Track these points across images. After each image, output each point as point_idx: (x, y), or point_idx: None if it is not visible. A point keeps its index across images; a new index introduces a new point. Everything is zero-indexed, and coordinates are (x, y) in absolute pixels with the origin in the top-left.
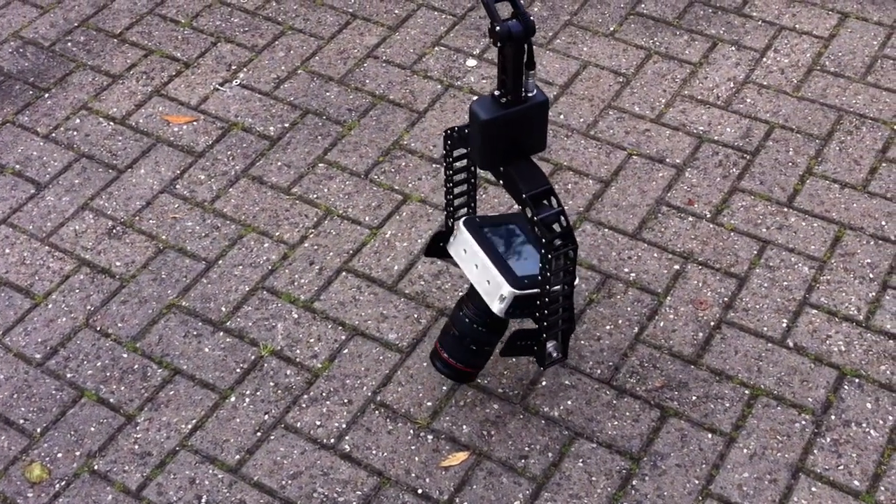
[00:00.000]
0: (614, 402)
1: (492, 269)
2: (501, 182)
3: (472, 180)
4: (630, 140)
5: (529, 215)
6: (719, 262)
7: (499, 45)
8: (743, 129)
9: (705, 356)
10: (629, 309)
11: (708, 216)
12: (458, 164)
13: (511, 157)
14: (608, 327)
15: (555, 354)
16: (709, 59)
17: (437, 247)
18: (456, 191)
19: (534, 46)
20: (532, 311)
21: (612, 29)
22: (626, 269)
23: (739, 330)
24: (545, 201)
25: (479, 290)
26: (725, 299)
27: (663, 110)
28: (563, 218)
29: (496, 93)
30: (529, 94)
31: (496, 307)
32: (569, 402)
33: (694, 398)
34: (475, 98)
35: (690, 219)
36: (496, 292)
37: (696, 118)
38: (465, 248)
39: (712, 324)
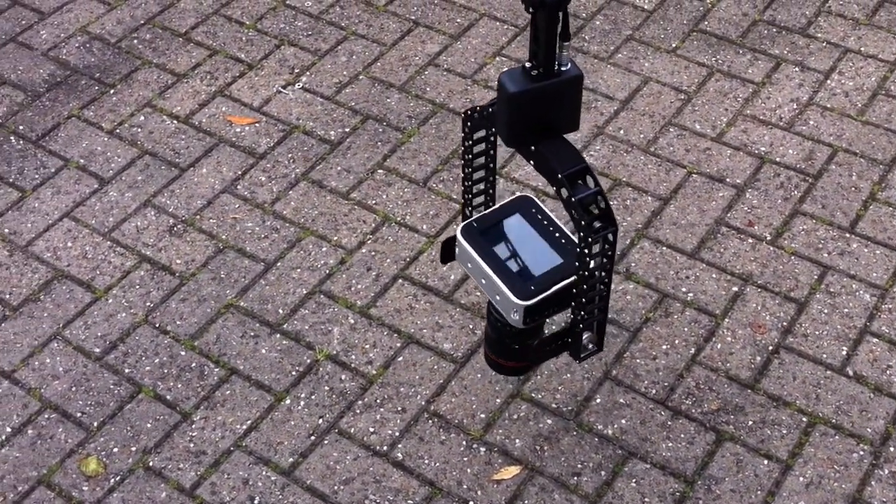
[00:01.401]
0: (669, 422)
1: (498, 284)
2: (532, 163)
3: (492, 165)
4: (690, 158)
5: (566, 196)
6: (779, 286)
7: (531, 10)
8: (805, 151)
9: (763, 381)
10: (686, 329)
11: (768, 238)
12: (477, 149)
13: (541, 135)
14: (664, 347)
15: (590, 346)
16: (772, 80)
17: (451, 251)
18: (475, 176)
19: (594, 59)
20: (558, 307)
21: (674, 45)
22: (683, 289)
23: (798, 356)
24: (581, 181)
25: (494, 303)
26: (784, 324)
27: (725, 129)
28: (601, 198)
29: (527, 64)
30: (563, 68)
31: (513, 320)
32: (623, 421)
33: (750, 423)
34: (505, 70)
35: (750, 240)
36: (509, 307)
37: (757, 138)
38: (469, 263)
39: (770, 348)
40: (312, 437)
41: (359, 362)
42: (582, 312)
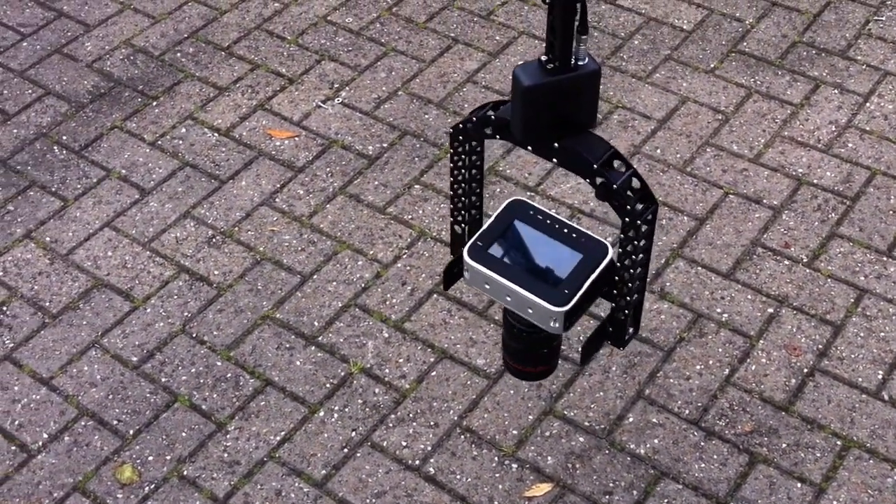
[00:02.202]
0: (702, 443)
1: (529, 297)
2: (556, 160)
3: (480, 177)
4: (727, 179)
5: (604, 185)
6: (815, 309)
7: (547, 1)
8: (843, 173)
9: (797, 403)
10: (720, 350)
11: (804, 260)
12: (466, 163)
13: (557, 132)
14: (698, 367)
15: (630, 330)
16: (810, 101)
17: (454, 276)
18: (463, 191)
19: (632, 78)
20: (589, 302)
21: (712, 66)
22: (718, 310)
23: (833, 379)
24: (613, 166)
25: (525, 317)
26: (820, 346)
27: (762, 150)
28: (636, 179)
29: (543, 58)
30: (580, 63)
31: (554, 328)
32: (656, 441)
33: (784, 445)
34: (520, 63)
35: (786, 262)
36: (546, 318)
37: (795, 160)
38: (487, 283)
39: (805, 371)
40: (345, 450)
41: (392, 376)
42: (627, 298)
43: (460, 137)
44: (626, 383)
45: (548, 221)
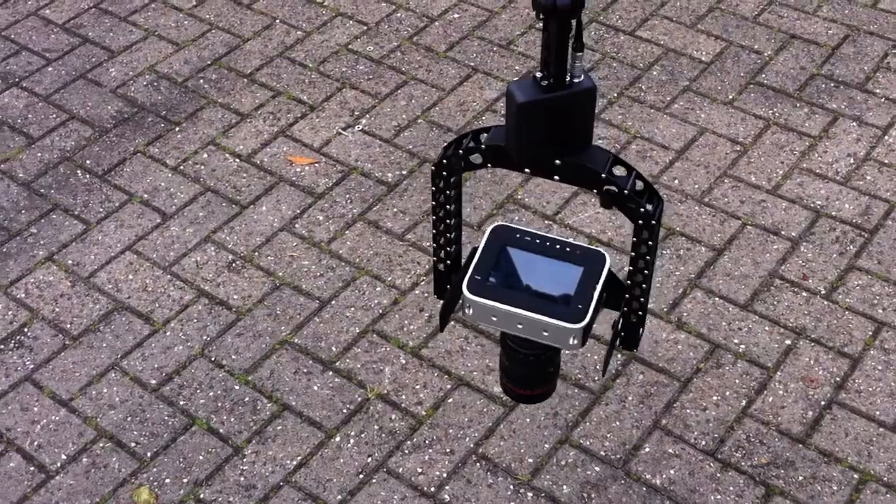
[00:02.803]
0: (718, 475)
1: (543, 320)
2: (557, 178)
3: (460, 210)
4: (745, 210)
5: (614, 193)
6: (832, 341)
7: (541, 17)
8: (862, 206)
9: (814, 436)
10: (737, 381)
11: (822, 292)
12: (455, 194)
13: (555, 149)
14: (715, 398)
15: (640, 330)
16: (829, 133)
17: (447, 318)
18: (445, 226)
19: (651, 108)
20: (598, 312)
21: (731, 97)
22: (735, 340)
23: (850, 412)
24: (617, 172)
25: (541, 341)
26: (837, 379)
27: (780, 182)
28: (639, 180)
29: (538, 75)
30: (575, 80)
31: (572, 346)
32: (672, 472)
33: (801, 478)
34: (515, 79)
35: (804, 294)
36: (564, 337)
37: (813, 192)
38: (494, 316)
39: (823, 403)
40: (361, 476)
41: (409, 402)
42: (641, 299)
43: (444, 173)
44: (642, 413)
45: (538, 241)
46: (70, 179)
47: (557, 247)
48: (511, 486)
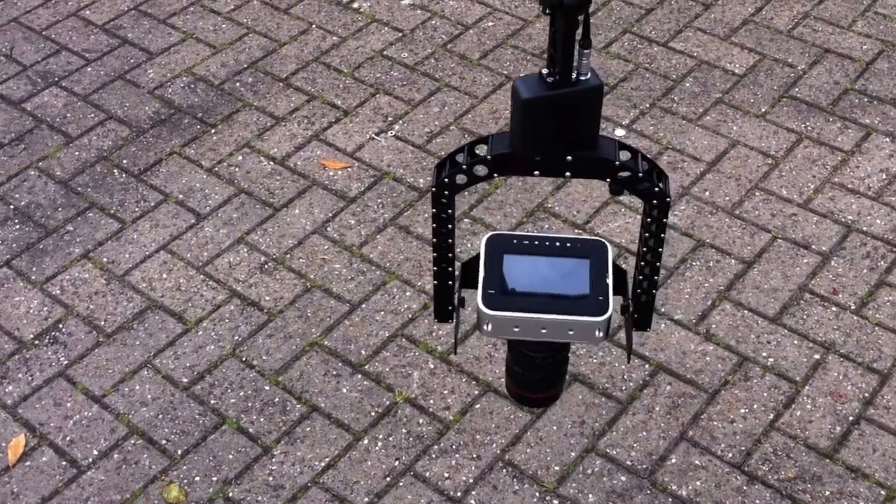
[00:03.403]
0: (744, 487)
1: (567, 319)
2: (568, 174)
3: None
4: (776, 223)
5: (628, 178)
6: (862, 356)
7: (547, 12)
8: (893, 221)
9: (842, 451)
10: (765, 394)
11: (852, 308)
12: (453, 212)
13: (562, 148)
14: (742, 411)
15: (652, 308)
16: (861, 149)
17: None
18: (448, 244)
19: (683, 120)
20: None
21: (763, 110)
22: (764, 354)
23: (879, 428)
24: (623, 157)
25: (564, 342)
26: (866, 395)
27: (811, 196)
28: (644, 161)
29: (544, 71)
30: (582, 77)
31: (598, 340)
32: (698, 483)
33: (827, 493)
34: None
35: (834, 308)
36: (590, 330)
37: (844, 207)
38: (517, 326)
39: (851, 418)
40: (388, 479)
41: (437, 407)
42: (655, 278)
43: (446, 192)
44: (669, 424)
45: (535, 242)
46: (107, 178)
47: (557, 244)
48: (537, 494)
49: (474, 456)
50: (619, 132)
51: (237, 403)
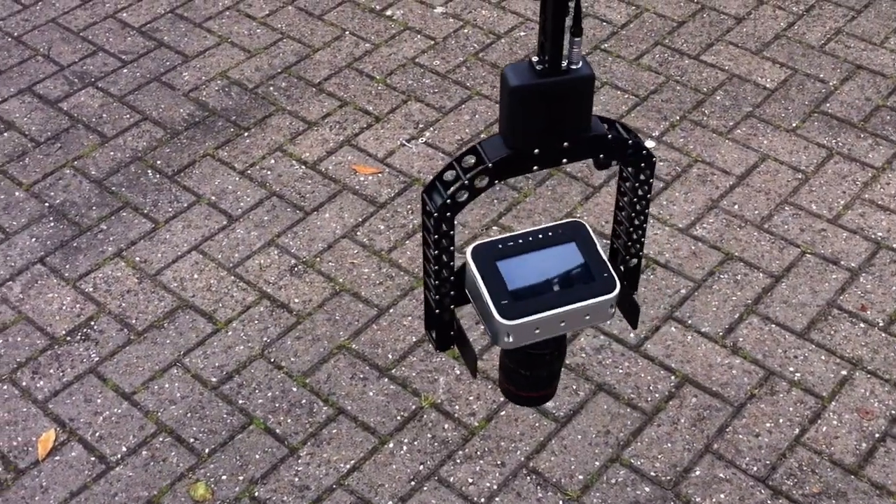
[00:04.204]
0: (769, 502)
1: (583, 306)
2: (565, 160)
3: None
4: (805, 238)
5: (618, 144)
6: (889, 373)
7: None
8: None
9: (867, 468)
10: (791, 409)
11: (881, 324)
12: (453, 235)
13: (554, 137)
14: (768, 425)
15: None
16: (892, 165)
17: (471, 354)
18: (449, 269)
19: (713, 133)
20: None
21: (794, 125)
22: (791, 368)
23: None
24: (609, 130)
25: (585, 326)
26: (893, 412)
27: (841, 211)
28: (622, 127)
29: (534, 59)
30: (573, 66)
31: (611, 315)
32: (722, 496)
33: None
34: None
35: (862, 325)
36: (605, 311)
37: (875, 223)
38: (538, 328)
39: (877, 435)
40: (412, 483)
41: (462, 413)
42: (643, 239)
43: (448, 214)
44: (694, 436)
45: (519, 241)
46: (141, 179)
47: (539, 236)
48: (560, 502)
49: (499, 462)
50: (649, 143)
51: (265, 404)
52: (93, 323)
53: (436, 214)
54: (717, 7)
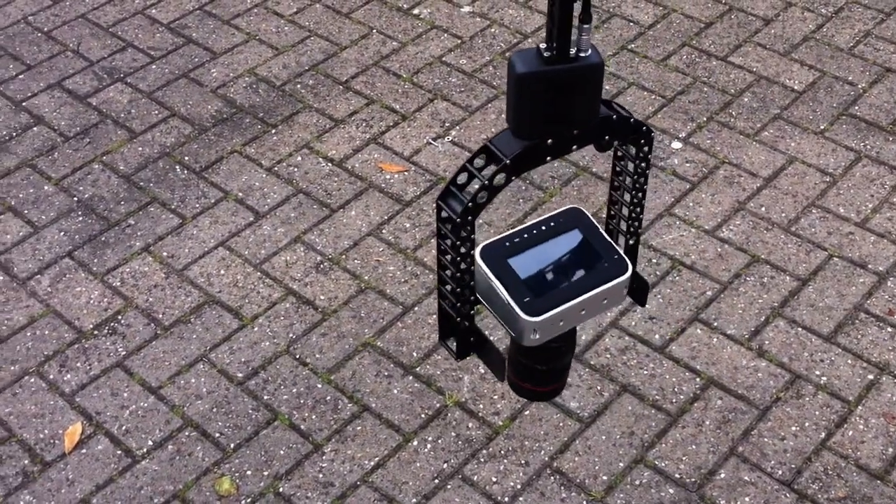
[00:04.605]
0: None
1: (599, 291)
2: (575, 147)
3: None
4: (832, 241)
5: (621, 125)
6: None
7: None
8: None
9: (893, 473)
10: (817, 413)
11: None
12: (474, 240)
13: (565, 125)
14: (794, 428)
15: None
16: None
17: (502, 368)
18: (470, 275)
19: (740, 135)
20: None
21: (822, 127)
22: (817, 372)
23: None
24: (612, 111)
25: (601, 310)
26: None
27: (869, 215)
28: (619, 107)
29: (542, 45)
30: (581, 54)
31: (624, 297)
32: (746, 499)
33: None
34: (518, 51)
35: (889, 329)
36: (620, 293)
37: None
38: (562, 320)
39: None
40: (436, 481)
41: (486, 412)
42: (642, 216)
43: (469, 217)
44: (719, 438)
45: (524, 236)
46: (168, 174)
47: (543, 228)
48: (584, 502)
49: (523, 462)
50: (676, 145)
51: (290, 400)
52: (120, 317)
53: (458, 220)
54: (745, 8)
